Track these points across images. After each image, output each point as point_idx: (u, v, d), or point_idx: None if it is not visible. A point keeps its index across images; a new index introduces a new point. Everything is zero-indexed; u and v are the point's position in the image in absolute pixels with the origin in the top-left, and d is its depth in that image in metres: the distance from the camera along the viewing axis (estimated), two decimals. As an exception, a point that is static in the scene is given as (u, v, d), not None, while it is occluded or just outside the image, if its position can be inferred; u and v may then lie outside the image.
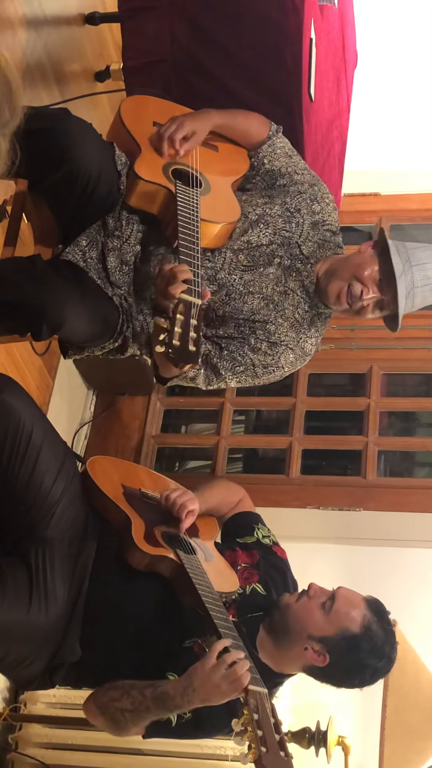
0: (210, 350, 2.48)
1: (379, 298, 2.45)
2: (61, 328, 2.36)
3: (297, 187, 2.61)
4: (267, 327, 2.47)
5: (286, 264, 2.52)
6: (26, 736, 3.51)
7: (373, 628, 2.27)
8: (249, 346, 2.47)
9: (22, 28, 3.30)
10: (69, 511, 2.28)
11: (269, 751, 1.78)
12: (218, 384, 2.51)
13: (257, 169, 2.65)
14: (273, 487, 4.19)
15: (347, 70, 3.53)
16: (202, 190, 2.48)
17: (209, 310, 2.47)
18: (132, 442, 4.39)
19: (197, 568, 2.23)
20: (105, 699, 2.17)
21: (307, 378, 4.46)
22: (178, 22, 2.97)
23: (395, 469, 4.45)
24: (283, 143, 2.66)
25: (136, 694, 2.11)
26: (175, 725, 2.16)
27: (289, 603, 2.31)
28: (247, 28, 2.88)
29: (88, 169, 2.41)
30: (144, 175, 2.42)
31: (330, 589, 2.32)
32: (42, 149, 2.29)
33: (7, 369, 3.54)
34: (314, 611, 2.27)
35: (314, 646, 2.26)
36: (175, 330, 1.98)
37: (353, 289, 2.44)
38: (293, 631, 2.27)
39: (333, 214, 2.63)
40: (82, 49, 3.78)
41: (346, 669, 2.29)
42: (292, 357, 2.51)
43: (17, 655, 2.21)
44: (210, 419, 4.53)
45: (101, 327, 2.48)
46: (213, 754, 3.34)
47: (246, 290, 2.48)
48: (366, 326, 4.49)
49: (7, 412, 2.19)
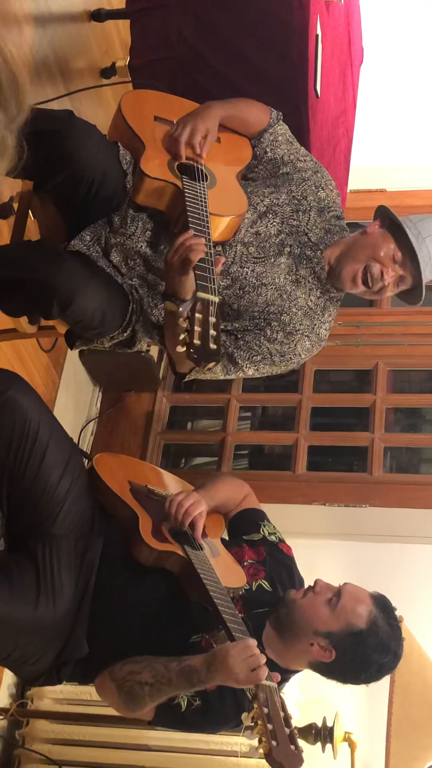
0: (226, 341, 2.49)
1: (399, 275, 2.46)
2: (72, 303, 2.33)
3: (301, 174, 2.61)
4: (282, 318, 2.48)
5: (296, 252, 2.52)
6: (33, 732, 3.52)
7: (379, 624, 2.27)
8: (265, 336, 2.49)
9: (29, 25, 3.30)
10: (75, 507, 2.28)
11: (280, 745, 1.79)
12: (236, 373, 2.52)
13: (260, 158, 2.65)
14: (279, 484, 4.19)
15: (353, 66, 3.53)
16: (208, 183, 2.47)
17: (224, 305, 2.48)
18: (138, 439, 4.40)
19: (205, 564, 2.23)
20: (123, 673, 2.16)
21: (313, 374, 4.46)
22: (185, 20, 2.98)
23: (401, 465, 4.45)
24: (284, 130, 2.67)
25: (160, 667, 2.11)
26: (185, 710, 2.17)
27: (295, 599, 2.31)
28: (253, 25, 2.88)
29: (91, 172, 2.41)
30: (151, 172, 2.42)
31: (336, 585, 2.33)
32: (46, 152, 2.29)
33: (13, 365, 3.54)
34: (320, 607, 2.27)
35: (320, 642, 2.26)
36: (195, 329, 1.97)
37: (372, 270, 2.45)
38: (299, 626, 2.28)
39: (337, 199, 2.65)
40: (88, 46, 3.78)
41: (351, 664, 2.29)
42: (309, 344, 2.53)
43: (24, 651, 2.21)
44: (216, 416, 4.54)
45: (112, 311, 2.46)
46: (221, 750, 3.34)
47: (259, 282, 2.48)
48: (372, 323, 4.49)
49: (14, 408, 2.19)
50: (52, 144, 2.33)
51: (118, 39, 3.94)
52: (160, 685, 2.10)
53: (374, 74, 4.09)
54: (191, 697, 2.18)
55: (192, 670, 2.06)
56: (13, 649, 2.20)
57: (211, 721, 2.23)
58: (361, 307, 4.50)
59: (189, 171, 2.47)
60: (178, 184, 2.41)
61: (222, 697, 2.18)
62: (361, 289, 2.49)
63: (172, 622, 2.25)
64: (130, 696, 2.15)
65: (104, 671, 2.21)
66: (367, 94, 3.86)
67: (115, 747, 3.46)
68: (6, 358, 3.50)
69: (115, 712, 3.26)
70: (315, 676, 2.37)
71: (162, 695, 2.12)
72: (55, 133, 2.37)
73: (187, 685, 2.09)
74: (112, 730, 3.44)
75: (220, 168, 2.55)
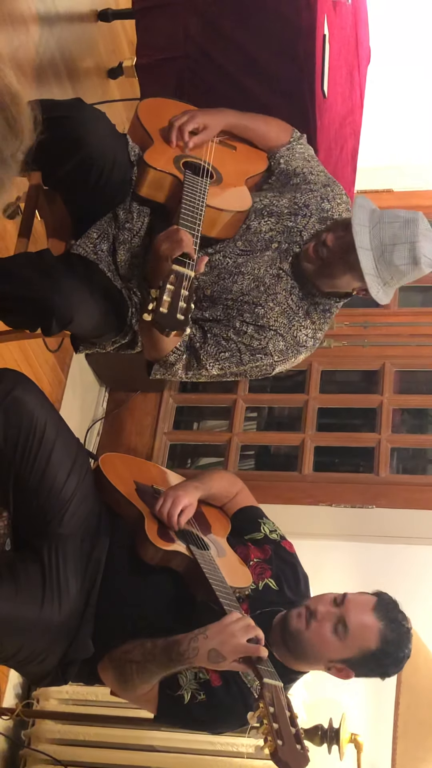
0: (195, 335, 2.47)
1: (339, 235, 2.40)
2: (71, 323, 2.37)
3: (309, 186, 2.59)
4: (256, 310, 2.45)
5: (283, 248, 2.50)
6: (39, 733, 3.52)
7: (389, 639, 2.24)
8: (234, 329, 2.45)
9: (35, 25, 3.30)
10: (82, 507, 2.28)
11: (285, 744, 1.78)
12: (199, 371, 2.47)
13: (273, 170, 2.65)
14: (285, 484, 4.20)
15: (360, 66, 3.53)
16: (213, 180, 2.48)
17: (198, 290, 2.45)
18: (144, 439, 4.40)
19: (210, 564, 2.23)
20: (118, 653, 2.17)
21: (319, 375, 4.46)
22: (192, 19, 2.98)
23: (408, 466, 4.45)
24: (303, 149, 2.66)
25: (149, 645, 2.11)
26: (188, 703, 2.16)
27: (299, 629, 2.25)
28: (260, 25, 2.88)
29: (102, 156, 2.41)
30: (154, 163, 2.43)
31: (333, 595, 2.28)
32: (56, 137, 2.27)
33: (20, 366, 3.55)
34: (329, 638, 2.23)
35: (337, 666, 2.26)
36: (164, 299, 1.99)
37: (320, 238, 2.42)
38: (312, 656, 2.26)
39: (344, 214, 2.58)
40: (95, 46, 3.79)
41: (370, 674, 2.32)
42: (282, 345, 2.47)
43: (30, 651, 2.21)
44: (222, 416, 4.54)
45: (111, 322, 2.48)
46: (226, 751, 3.34)
47: (237, 270, 2.46)
48: (379, 323, 4.49)
49: (21, 408, 2.19)
50: (62, 129, 2.33)
51: (125, 39, 3.95)
52: (146, 662, 2.10)
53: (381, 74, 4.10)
54: (195, 691, 2.17)
55: (173, 642, 2.06)
56: (19, 649, 2.20)
57: (216, 715, 2.21)
58: (368, 308, 4.49)
59: (193, 167, 2.47)
60: (178, 176, 2.41)
61: (228, 692, 2.17)
62: (316, 262, 2.43)
63: (178, 621, 2.24)
64: (122, 675, 2.16)
65: (107, 653, 2.22)
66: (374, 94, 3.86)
67: (121, 748, 3.45)
68: (12, 358, 3.50)
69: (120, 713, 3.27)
70: (321, 677, 2.37)
71: (147, 674, 2.11)
72: (66, 118, 2.37)
73: (166, 661, 2.07)
74: (118, 730, 3.44)
75: (229, 170, 2.55)
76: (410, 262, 2.35)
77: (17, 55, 3.16)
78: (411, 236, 2.35)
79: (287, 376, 4.35)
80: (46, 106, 2.47)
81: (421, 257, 2.35)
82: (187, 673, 2.18)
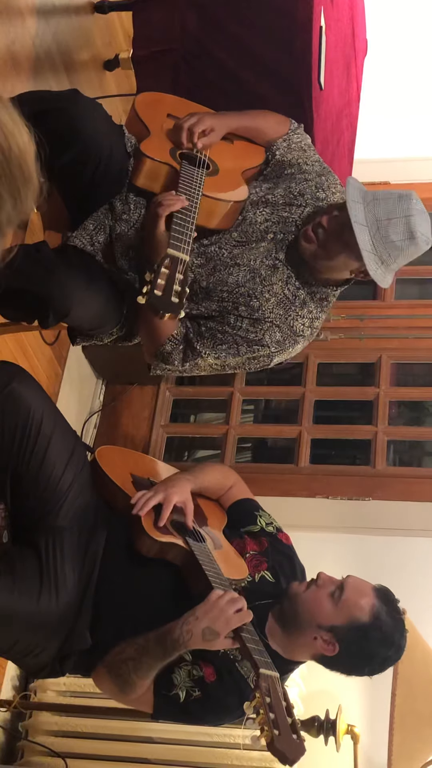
0: (189, 327, 2.47)
1: (333, 215, 2.41)
2: (68, 315, 2.38)
3: (304, 175, 2.60)
4: (251, 302, 2.45)
5: (279, 238, 2.50)
6: (36, 724, 3.52)
7: (382, 618, 2.27)
8: (229, 324, 2.45)
9: (32, 17, 3.29)
10: (79, 499, 2.28)
11: (282, 734, 1.79)
12: (194, 360, 2.47)
13: (269, 161, 2.65)
14: (282, 477, 4.20)
15: (357, 58, 3.52)
16: (210, 171, 2.48)
17: (194, 283, 2.46)
18: (141, 432, 4.40)
19: (207, 556, 2.23)
20: (111, 656, 2.19)
21: (316, 367, 4.45)
22: (188, 11, 2.97)
23: (404, 458, 4.45)
24: (300, 139, 2.66)
25: (141, 640, 2.13)
26: (184, 701, 2.17)
27: (298, 592, 2.30)
28: (256, 17, 2.87)
29: (98, 147, 2.42)
30: (150, 153, 2.44)
31: (339, 578, 2.32)
32: (53, 129, 2.27)
33: (16, 358, 3.54)
34: (323, 601, 2.27)
35: (323, 636, 2.26)
36: (158, 282, 1.99)
37: (316, 220, 2.43)
38: (302, 620, 2.27)
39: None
40: (92, 38, 3.78)
41: (355, 658, 2.29)
42: (279, 336, 2.46)
43: (27, 643, 2.21)
44: (219, 408, 4.54)
45: (108, 313, 2.49)
46: (223, 743, 3.34)
47: (233, 262, 2.47)
48: (375, 315, 4.49)
49: (17, 401, 2.19)
50: (59, 121, 2.33)
51: (121, 31, 3.94)
52: (141, 657, 2.11)
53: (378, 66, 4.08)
54: (190, 688, 2.18)
55: (165, 631, 2.08)
56: (16, 641, 2.20)
57: (213, 710, 2.23)
58: (365, 300, 4.50)
59: (190, 158, 2.48)
60: (175, 166, 2.42)
61: (223, 686, 2.18)
62: (313, 247, 2.43)
63: (174, 613, 2.24)
64: (119, 677, 2.16)
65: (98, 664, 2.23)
66: (370, 86, 3.85)
67: (119, 739, 3.46)
68: (9, 350, 3.50)
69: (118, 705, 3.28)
70: (318, 669, 2.37)
71: (144, 668, 2.12)
72: (62, 110, 2.38)
73: (161, 651, 2.09)
74: (116, 722, 3.44)
75: (226, 162, 2.56)
76: (406, 237, 2.36)
77: (14, 48, 3.15)
78: (405, 211, 2.36)
79: (284, 368, 4.34)
80: (42, 98, 2.46)
81: (417, 232, 2.36)
82: (180, 671, 2.19)
